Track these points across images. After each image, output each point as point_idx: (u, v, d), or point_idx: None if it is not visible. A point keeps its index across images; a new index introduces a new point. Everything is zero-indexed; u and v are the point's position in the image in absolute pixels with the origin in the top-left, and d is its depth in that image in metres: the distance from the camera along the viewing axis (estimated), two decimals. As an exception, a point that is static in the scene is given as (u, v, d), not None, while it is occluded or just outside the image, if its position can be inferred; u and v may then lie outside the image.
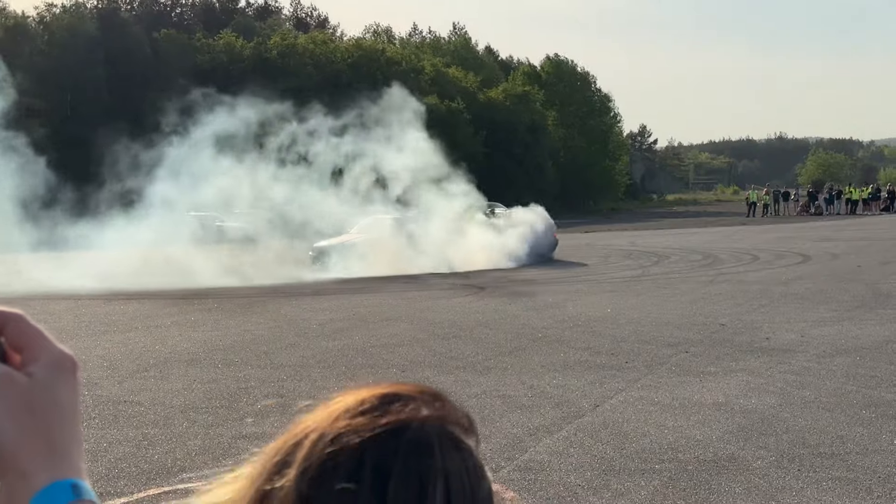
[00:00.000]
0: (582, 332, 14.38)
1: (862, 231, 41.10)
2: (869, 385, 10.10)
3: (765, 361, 11.60)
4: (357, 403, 0.97)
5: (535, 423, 8.84)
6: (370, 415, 0.95)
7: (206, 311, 18.20)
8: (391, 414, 0.95)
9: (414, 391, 0.99)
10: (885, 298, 17.52)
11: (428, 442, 0.94)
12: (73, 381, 0.97)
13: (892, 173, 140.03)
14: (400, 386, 1.00)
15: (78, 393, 0.97)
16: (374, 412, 0.95)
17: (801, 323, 14.73)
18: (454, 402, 1.01)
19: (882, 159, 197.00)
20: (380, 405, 0.96)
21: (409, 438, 0.94)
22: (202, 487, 1.04)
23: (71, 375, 0.96)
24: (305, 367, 12.06)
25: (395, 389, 0.99)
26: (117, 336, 15.08)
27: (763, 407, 9.23)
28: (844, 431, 8.26)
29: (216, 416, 9.50)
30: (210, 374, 11.66)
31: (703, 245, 35.30)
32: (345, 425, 0.94)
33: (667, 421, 8.80)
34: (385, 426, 0.93)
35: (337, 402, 0.99)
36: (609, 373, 11.19)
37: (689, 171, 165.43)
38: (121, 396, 10.49)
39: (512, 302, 18.66)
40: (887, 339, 13.00)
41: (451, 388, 10.54)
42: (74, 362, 0.97)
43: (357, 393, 0.99)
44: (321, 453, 0.93)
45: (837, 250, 29.83)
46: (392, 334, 14.68)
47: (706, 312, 16.26)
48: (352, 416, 0.95)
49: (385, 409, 0.95)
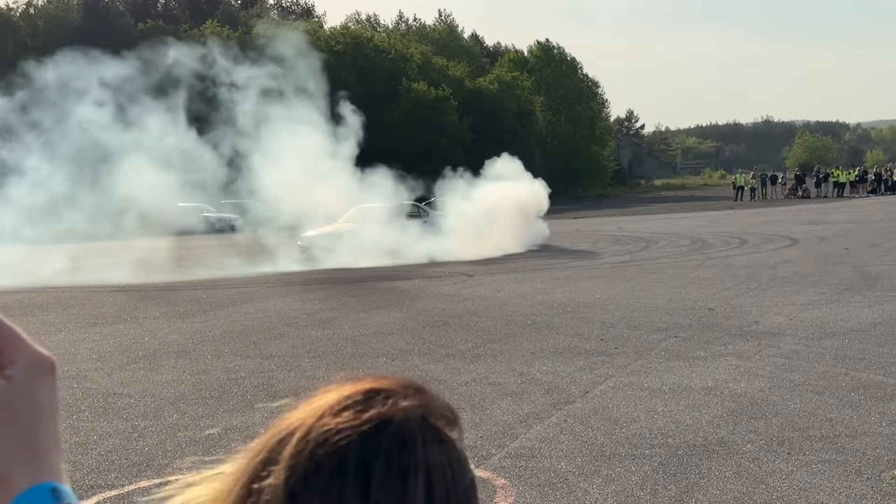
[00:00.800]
0: (571, 319, 14.39)
1: (849, 214, 41.21)
2: (857, 367, 10.13)
3: (753, 345, 11.63)
4: (340, 399, 0.97)
5: (526, 410, 8.86)
6: (353, 410, 0.95)
7: (194, 302, 18.17)
8: (374, 409, 0.95)
9: (396, 385, 0.99)
10: (873, 281, 17.57)
11: (410, 436, 0.94)
12: (52, 382, 0.96)
13: (879, 156, 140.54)
14: (383, 380, 1.00)
15: (56, 394, 0.96)
16: (356, 408, 0.95)
17: (790, 306, 14.76)
18: (437, 394, 1.01)
19: (869, 142, 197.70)
20: (363, 400, 0.96)
21: (392, 433, 0.94)
22: (184, 481, 1.04)
23: (49, 377, 0.96)
24: (295, 357, 12.06)
25: (377, 384, 0.98)
26: (106, 328, 15.05)
27: (752, 391, 9.26)
28: (833, 414, 8.29)
29: (206, 407, 9.49)
30: (199, 366, 11.64)
31: (691, 230, 35.37)
32: (328, 422, 0.94)
33: (657, 406, 8.82)
34: (368, 421, 0.94)
35: (320, 399, 0.98)
36: (598, 359, 11.21)
37: (676, 156, 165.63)
38: (110, 388, 10.47)
39: (501, 289, 18.67)
40: (875, 321, 13.05)
41: (441, 375, 10.56)
42: (52, 363, 0.96)
43: (340, 389, 0.99)
44: (306, 451, 0.93)
45: (825, 233, 29.91)
46: (381, 323, 14.68)
47: (695, 297, 16.29)
48: (335, 412, 0.95)
49: (368, 404, 0.95)
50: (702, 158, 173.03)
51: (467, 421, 8.49)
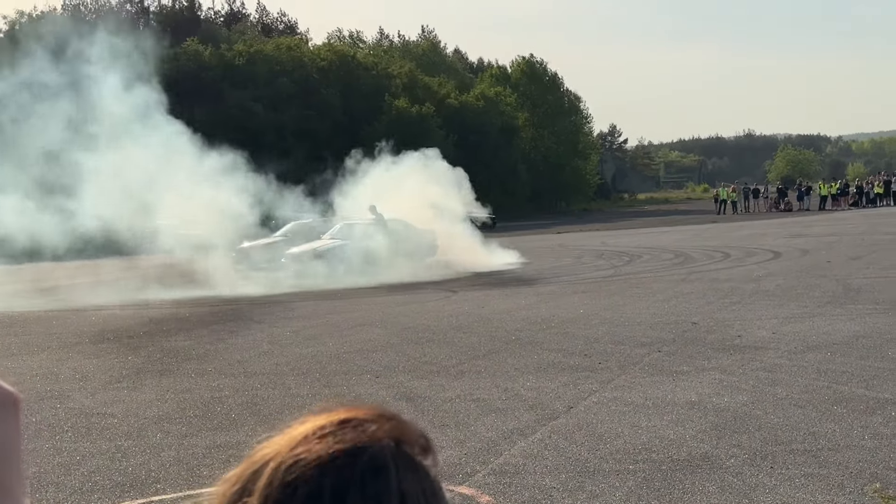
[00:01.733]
0: (555, 334, 14.41)
1: (831, 227, 41.38)
2: (840, 381, 10.18)
3: (737, 359, 11.67)
4: (314, 429, 0.97)
5: (510, 426, 8.86)
6: (327, 439, 0.96)
7: (178, 320, 18.13)
8: (347, 438, 0.96)
9: (370, 414, 1.00)
10: (855, 294, 17.65)
11: (384, 464, 0.95)
12: (16, 418, 0.96)
13: (860, 168, 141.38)
14: (357, 410, 1.00)
15: (20, 430, 0.96)
16: (330, 437, 0.96)
17: (773, 320, 14.82)
18: (411, 422, 1.02)
19: (850, 154, 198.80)
20: (336, 430, 0.97)
21: (366, 461, 0.94)
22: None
23: (13, 413, 0.96)
24: (279, 375, 12.04)
25: (352, 414, 0.99)
26: (89, 347, 15.00)
27: (735, 405, 9.29)
28: (816, 427, 8.32)
29: (190, 426, 9.47)
30: (183, 384, 11.61)
31: (674, 244, 35.46)
32: (303, 451, 0.95)
33: (640, 421, 8.84)
34: (341, 450, 0.94)
35: (294, 429, 0.99)
36: (582, 374, 11.23)
37: (659, 170, 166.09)
38: (93, 408, 10.43)
39: (485, 305, 18.69)
40: (857, 334, 13.10)
41: (425, 392, 10.56)
42: (16, 399, 0.97)
43: (315, 419, 1.00)
44: (280, 481, 0.94)
45: (807, 246, 30.02)
46: (366, 340, 14.67)
47: (678, 311, 16.33)
48: (309, 441, 0.96)
49: (342, 434, 0.96)
50: (685, 172, 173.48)
51: (451, 438, 8.50)
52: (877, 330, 13.38)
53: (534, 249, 34.12)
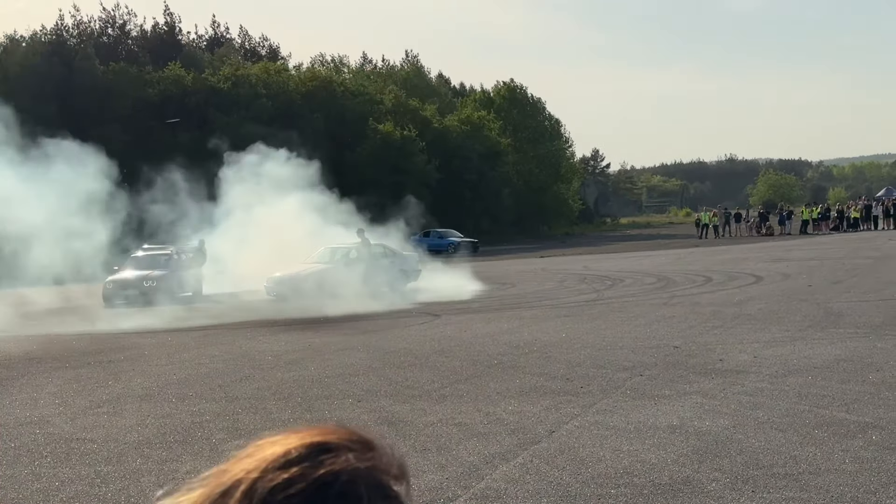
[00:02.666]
0: (537, 358, 14.40)
1: (812, 251, 41.56)
2: (821, 405, 10.20)
3: (718, 383, 11.68)
4: (285, 452, 0.96)
5: (492, 451, 8.84)
6: (299, 465, 0.94)
7: (159, 345, 18.05)
8: (320, 466, 0.94)
9: (343, 439, 0.98)
10: (836, 318, 17.71)
11: (356, 493, 0.94)
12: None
13: (841, 193, 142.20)
14: (329, 433, 0.99)
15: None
16: (302, 462, 0.94)
17: (754, 344, 14.85)
18: (386, 447, 1.01)
19: (831, 179, 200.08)
20: (308, 455, 0.95)
21: (338, 490, 0.93)
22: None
23: None
24: (261, 400, 11.99)
25: (323, 438, 0.98)
26: (69, 372, 14.91)
27: (717, 429, 9.30)
28: (797, 451, 8.33)
29: (170, 451, 9.41)
30: (164, 409, 11.55)
31: (656, 268, 35.53)
32: (274, 476, 0.93)
33: (622, 445, 8.84)
34: (314, 480, 0.93)
35: (265, 450, 0.98)
36: (564, 398, 11.22)
37: (641, 195, 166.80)
38: (73, 433, 10.36)
39: (467, 329, 18.68)
40: (838, 357, 13.15)
41: (407, 416, 10.53)
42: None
43: (285, 440, 0.98)
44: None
45: (789, 270, 30.14)
46: (347, 364, 14.63)
47: (660, 335, 16.36)
48: (280, 467, 0.94)
49: (314, 460, 0.95)
50: (667, 197, 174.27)
51: (433, 462, 8.48)
52: (857, 354, 13.42)
53: (517, 273, 34.15)
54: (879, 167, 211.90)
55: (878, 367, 12.33)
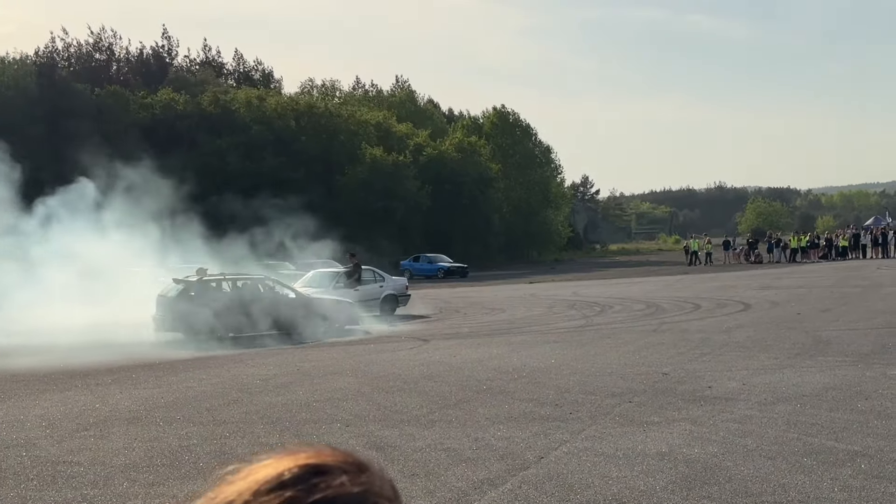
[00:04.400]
0: (526, 384, 14.39)
1: (801, 279, 41.66)
2: (810, 433, 10.20)
3: (707, 410, 11.68)
4: (277, 475, 0.95)
5: (480, 477, 8.82)
6: (293, 489, 0.93)
7: (147, 367, 17.98)
8: (314, 490, 0.93)
9: (338, 462, 0.97)
10: (825, 346, 17.74)
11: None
12: None
13: (830, 221, 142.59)
14: (323, 455, 0.98)
15: None
16: (296, 486, 0.93)
17: (743, 371, 14.86)
18: (380, 470, 1.00)
19: (820, 208, 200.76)
20: (302, 478, 0.94)
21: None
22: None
23: None
24: (249, 424, 11.94)
25: (318, 460, 0.97)
26: (56, 395, 14.83)
27: (706, 456, 9.29)
28: (786, 479, 8.32)
29: (157, 475, 9.36)
30: (151, 433, 11.49)
31: (645, 294, 35.58)
32: (266, 500, 0.92)
33: (611, 472, 8.82)
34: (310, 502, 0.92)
35: (257, 472, 0.97)
36: (553, 424, 11.20)
37: (631, 221, 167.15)
38: (59, 457, 10.30)
39: (456, 354, 18.65)
40: (827, 386, 13.16)
41: (395, 441, 10.50)
42: None
43: (278, 462, 0.97)
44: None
45: (777, 298, 30.20)
46: (336, 388, 14.59)
47: (649, 362, 16.35)
48: (272, 489, 0.93)
49: (307, 482, 0.93)
50: (656, 224, 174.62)
51: (421, 487, 8.44)
52: (846, 382, 13.44)
53: (506, 299, 34.12)
54: (868, 196, 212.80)
55: (866, 395, 12.35)
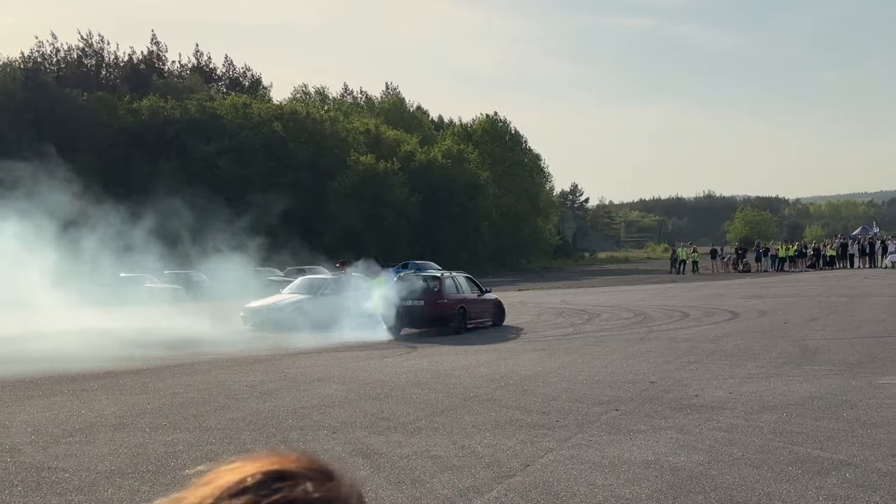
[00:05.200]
0: (513, 391, 14.39)
1: (789, 288, 41.76)
2: (795, 441, 10.22)
3: (694, 419, 11.70)
4: (239, 481, 0.94)
5: (466, 484, 8.81)
6: (253, 494, 0.92)
7: (133, 374, 17.92)
8: (274, 494, 0.92)
9: (303, 468, 0.96)
10: (812, 355, 17.79)
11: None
12: None
13: (818, 231, 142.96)
14: (288, 460, 0.97)
15: None
16: (258, 491, 0.92)
17: (730, 380, 14.89)
18: (344, 476, 1.00)
19: (808, 217, 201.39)
20: (264, 483, 0.93)
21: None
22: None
23: None
24: (235, 430, 11.91)
25: (281, 466, 0.96)
26: (42, 400, 14.78)
27: (692, 464, 9.30)
28: (772, 488, 8.34)
29: (143, 481, 9.33)
30: (137, 439, 11.46)
31: (633, 303, 35.62)
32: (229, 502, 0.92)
33: (597, 480, 8.83)
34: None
35: (222, 477, 0.96)
36: (540, 432, 11.20)
37: (620, 230, 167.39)
38: (45, 462, 10.26)
39: (443, 361, 18.64)
40: (813, 395, 13.19)
41: (381, 448, 10.49)
42: None
43: (244, 467, 0.96)
44: None
45: (765, 307, 30.27)
46: (323, 395, 14.57)
47: (636, 370, 16.38)
48: (234, 494, 0.92)
49: (269, 488, 0.93)
50: (645, 232, 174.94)
51: (407, 495, 8.44)
52: (832, 391, 13.47)
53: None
54: (856, 206, 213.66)
55: (852, 404, 12.38)
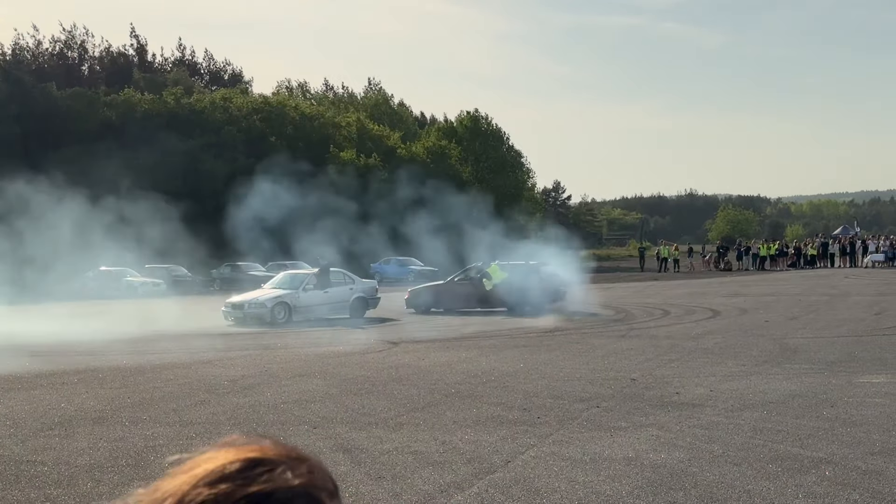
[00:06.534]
0: (494, 388, 14.39)
1: (769, 287, 41.92)
2: (775, 439, 10.26)
3: (674, 416, 11.73)
4: (218, 468, 0.94)
5: (447, 480, 8.81)
6: (233, 482, 0.92)
7: (113, 368, 17.84)
8: (255, 482, 0.92)
9: (280, 455, 0.96)
10: (792, 353, 17.86)
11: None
12: None
13: (799, 230, 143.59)
14: (266, 448, 0.97)
15: None
16: (236, 479, 0.92)
17: (711, 377, 14.93)
18: (319, 463, 0.99)
19: (789, 216, 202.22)
20: (243, 470, 0.93)
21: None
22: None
23: None
24: (215, 425, 11.88)
25: (260, 453, 0.96)
26: (21, 393, 14.71)
27: (672, 462, 9.32)
28: (751, 486, 8.36)
29: (122, 475, 9.30)
30: (117, 433, 11.41)
31: (615, 300, 35.68)
32: (203, 491, 0.91)
33: (577, 476, 8.83)
34: (249, 496, 0.91)
35: (200, 465, 0.96)
36: (521, 428, 11.21)
37: (602, 227, 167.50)
38: (23, 456, 10.21)
39: (425, 357, 18.63)
40: (793, 393, 13.24)
41: (362, 444, 10.47)
42: None
43: (221, 455, 0.96)
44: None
45: (746, 305, 30.38)
46: (304, 390, 14.54)
47: (618, 367, 16.40)
48: (212, 481, 0.92)
49: (248, 475, 0.93)
50: (627, 230, 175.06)
51: (388, 490, 8.43)
52: (812, 389, 13.53)
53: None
54: (837, 205, 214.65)
55: (832, 403, 12.43)
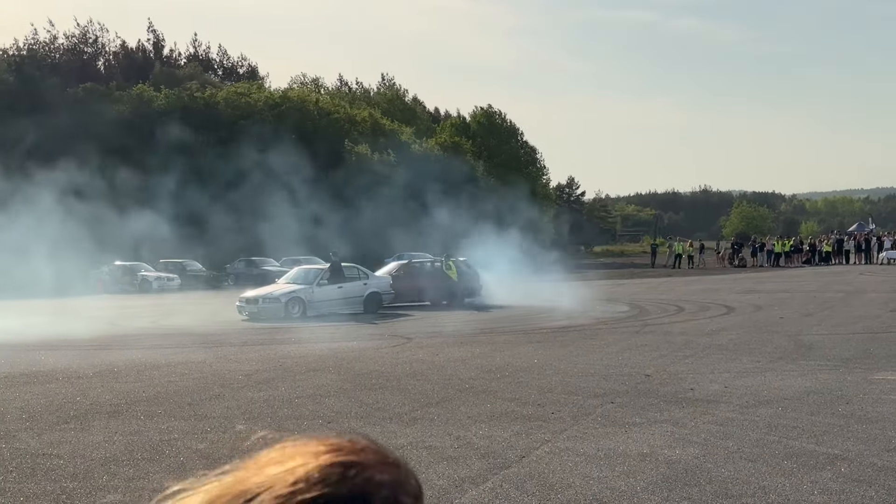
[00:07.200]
0: (509, 383, 14.39)
1: (784, 283, 41.79)
2: (790, 436, 10.23)
3: (689, 412, 11.71)
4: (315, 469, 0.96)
5: (461, 475, 8.81)
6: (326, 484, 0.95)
7: (129, 361, 17.90)
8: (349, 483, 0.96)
9: (372, 459, 1.00)
10: (807, 350, 17.80)
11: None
12: None
13: (813, 227, 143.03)
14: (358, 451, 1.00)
15: None
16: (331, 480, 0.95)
17: (725, 374, 14.90)
18: (410, 469, 1.03)
19: (804, 213, 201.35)
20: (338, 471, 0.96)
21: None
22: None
23: None
24: (230, 419, 11.91)
25: (353, 458, 0.99)
26: (37, 387, 14.77)
27: (687, 457, 9.31)
28: (766, 482, 8.35)
29: (137, 468, 9.33)
30: (132, 426, 11.45)
31: (629, 296, 35.63)
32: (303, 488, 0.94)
33: (592, 472, 8.83)
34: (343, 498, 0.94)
35: (291, 459, 0.98)
36: (535, 423, 11.21)
37: (616, 223, 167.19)
38: (39, 449, 10.26)
39: (439, 352, 18.64)
40: (808, 389, 13.20)
41: (377, 438, 10.40)
42: None
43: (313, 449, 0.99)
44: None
45: (760, 302, 30.29)
46: (318, 385, 14.57)
47: (632, 363, 16.38)
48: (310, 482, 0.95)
49: (343, 476, 0.96)
50: (641, 226, 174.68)
51: (402, 485, 8.42)
52: (827, 386, 13.49)
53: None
54: (852, 202, 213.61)
55: (847, 399, 12.40)
